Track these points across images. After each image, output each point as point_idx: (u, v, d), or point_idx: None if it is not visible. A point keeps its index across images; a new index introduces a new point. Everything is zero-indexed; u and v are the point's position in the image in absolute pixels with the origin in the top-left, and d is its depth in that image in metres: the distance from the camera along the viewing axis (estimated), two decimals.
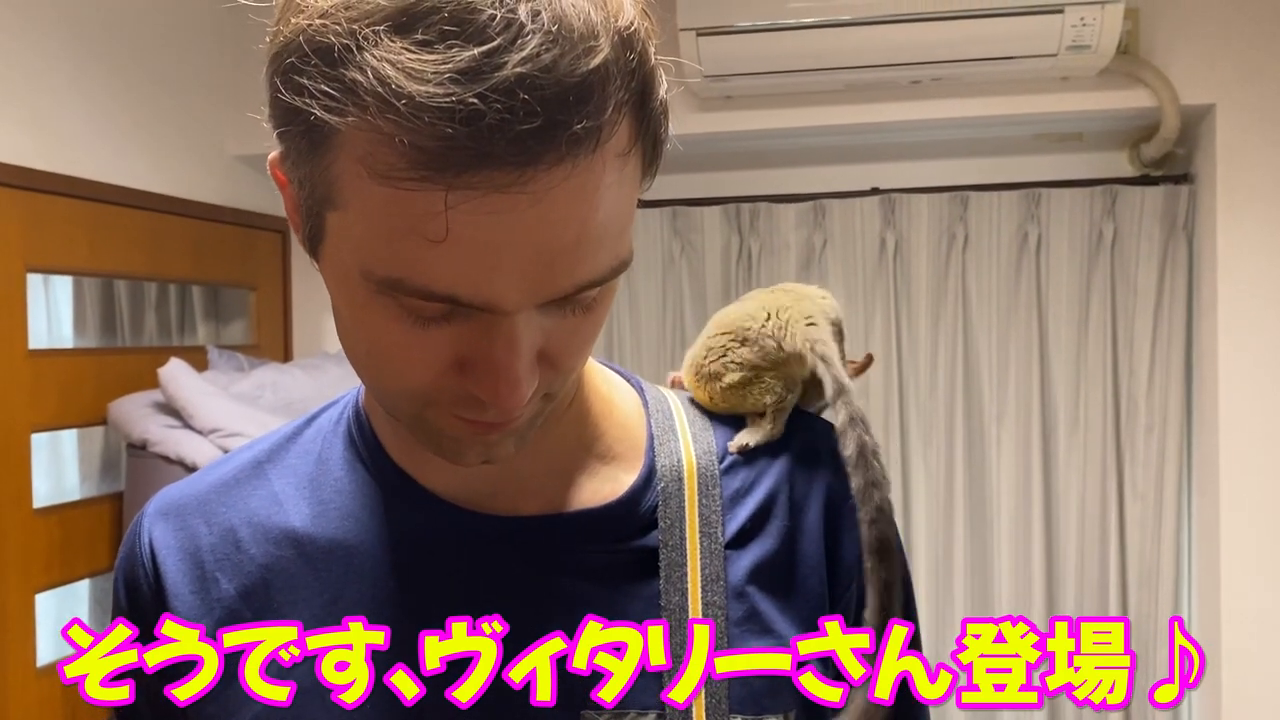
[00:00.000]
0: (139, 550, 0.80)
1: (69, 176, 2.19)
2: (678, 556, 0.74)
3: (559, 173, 0.55)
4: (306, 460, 0.80)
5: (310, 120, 0.56)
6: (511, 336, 0.60)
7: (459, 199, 0.54)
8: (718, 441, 0.80)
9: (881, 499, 0.76)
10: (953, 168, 2.86)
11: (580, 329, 0.65)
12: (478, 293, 0.58)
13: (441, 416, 0.66)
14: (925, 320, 2.81)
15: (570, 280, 0.59)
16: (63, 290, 2.90)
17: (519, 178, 0.54)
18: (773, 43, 2.41)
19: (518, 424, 0.67)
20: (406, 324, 0.60)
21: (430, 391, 0.64)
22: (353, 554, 0.75)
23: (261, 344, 2.89)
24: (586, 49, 0.55)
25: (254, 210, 2.83)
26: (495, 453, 0.68)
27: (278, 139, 0.62)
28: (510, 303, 0.58)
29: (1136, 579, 2.72)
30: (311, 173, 0.60)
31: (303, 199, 0.62)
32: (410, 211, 0.55)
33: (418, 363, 0.62)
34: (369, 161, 0.55)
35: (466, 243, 0.56)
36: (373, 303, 0.60)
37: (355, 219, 0.58)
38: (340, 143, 0.57)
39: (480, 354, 0.61)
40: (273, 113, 0.61)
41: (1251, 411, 2.48)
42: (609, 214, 0.59)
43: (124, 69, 2.37)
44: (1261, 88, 2.46)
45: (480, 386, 0.62)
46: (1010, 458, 2.77)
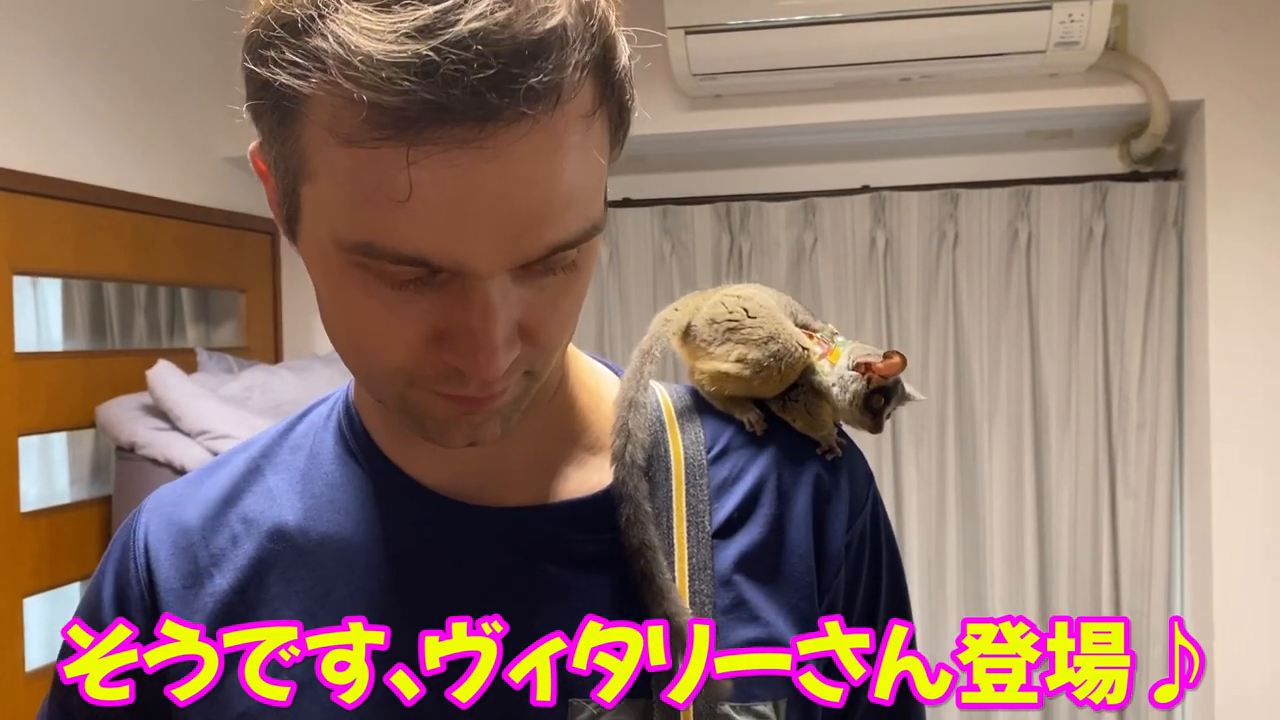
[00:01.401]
0: (132, 545, 0.80)
1: (56, 179, 2.18)
2: (665, 546, 0.74)
3: (519, 129, 0.56)
4: (299, 456, 0.81)
5: (279, 92, 0.58)
6: (486, 303, 0.60)
7: (420, 155, 0.55)
8: (705, 433, 0.81)
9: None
10: (943, 165, 2.87)
11: (559, 302, 0.65)
12: (447, 254, 0.58)
13: (424, 396, 0.66)
14: (916, 318, 2.81)
15: (541, 242, 0.60)
16: (51, 293, 2.89)
17: (479, 133, 0.55)
18: (762, 41, 2.41)
19: (501, 402, 0.67)
20: (382, 295, 0.61)
21: (411, 368, 0.64)
22: (345, 547, 0.76)
23: (251, 346, 2.88)
24: (542, 9, 0.56)
25: (243, 212, 2.82)
26: (481, 434, 0.68)
27: (253, 122, 0.63)
28: (482, 264, 0.59)
29: (1129, 576, 2.73)
30: (284, 149, 0.61)
31: (279, 179, 0.64)
32: (375, 173, 0.56)
33: (396, 336, 0.62)
34: (333, 126, 0.57)
35: (431, 202, 0.56)
36: (348, 275, 0.61)
37: (325, 187, 0.59)
38: (307, 111, 0.58)
39: (457, 323, 0.61)
40: (248, 95, 0.62)
41: (1243, 407, 2.48)
42: (576, 175, 0.60)
43: (111, 70, 2.36)
44: (1250, 83, 2.46)
45: (458, 356, 0.62)
46: (1002, 455, 2.77)
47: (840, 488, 0.80)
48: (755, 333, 0.83)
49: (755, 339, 0.83)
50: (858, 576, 0.81)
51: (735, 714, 0.72)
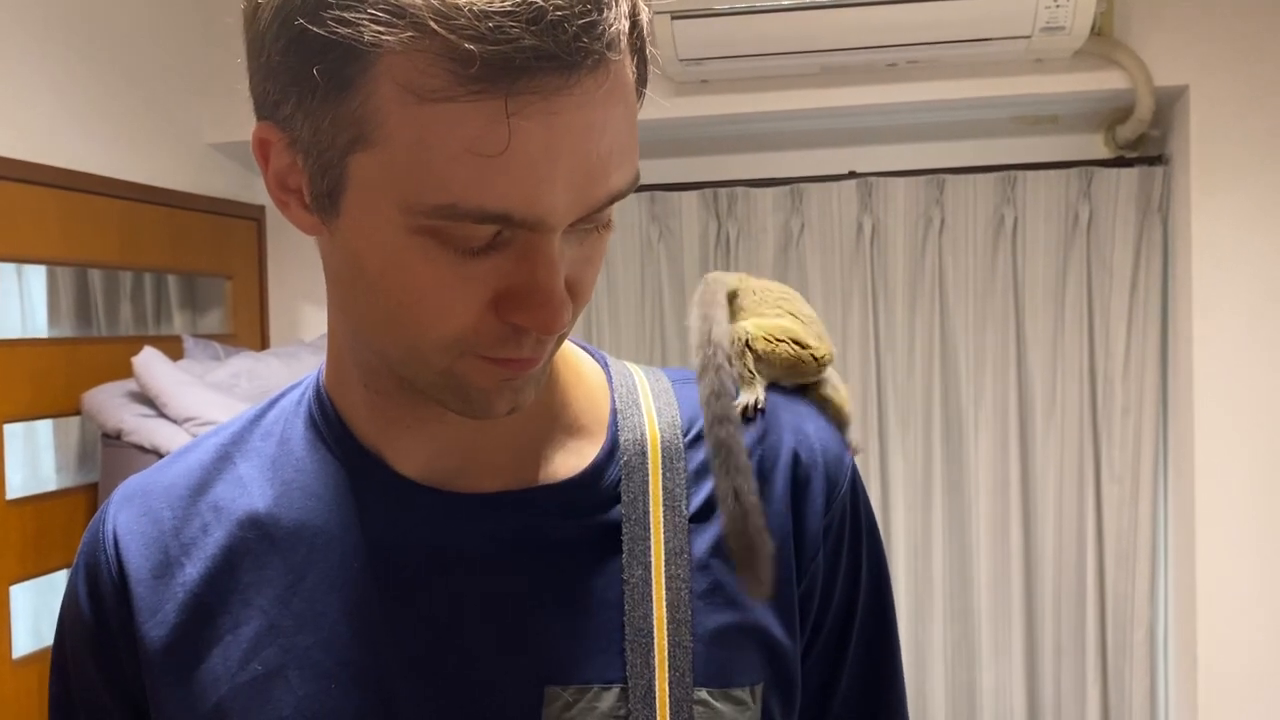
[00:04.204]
0: (102, 536, 0.80)
1: (40, 165, 2.17)
2: (641, 530, 0.74)
3: (599, 75, 0.58)
4: (269, 442, 0.80)
5: (343, 52, 0.57)
6: (550, 257, 0.61)
7: (519, 105, 0.56)
8: (682, 416, 0.80)
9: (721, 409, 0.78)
10: (929, 151, 2.87)
11: (594, 260, 0.67)
12: (530, 208, 0.59)
13: (472, 366, 0.66)
14: (902, 303, 2.81)
15: (604, 191, 0.62)
16: (36, 280, 2.88)
17: (567, 81, 0.57)
18: (748, 26, 2.40)
19: (542, 364, 0.68)
20: (448, 261, 0.61)
21: (468, 335, 0.63)
22: (316, 534, 0.75)
23: (237, 333, 2.87)
24: None
25: (229, 198, 2.81)
26: (521, 399, 0.69)
27: (272, 100, 0.62)
28: (556, 217, 0.60)
29: (1113, 560, 2.74)
30: (334, 118, 0.59)
31: (315, 155, 0.62)
32: (464, 130, 0.56)
33: (458, 303, 0.62)
34: (415, 85, 0.56)
35: (521, 154, 0.57)
36: (410, 245, 0.61)
37: (398, 151, 0.58)
38: (378, 73, 0.57)
39: (522, 280, 0.61)
40: (280, 70, 0.60)
41: (1226, 392, 2.49)
42: (629, 122, 0.62)
43: (96, 55, 2.35)
44: (1235, 69, 2.47)
45: (525, 314, 0.62)
46: (988, 441, 2.78)
47: (818, 468, 0.79)
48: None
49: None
50: (837, 559, 0.80)
51: (713, 700, 0.72)
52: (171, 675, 0.74)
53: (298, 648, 0.73)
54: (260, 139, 0.65)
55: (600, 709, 0.70)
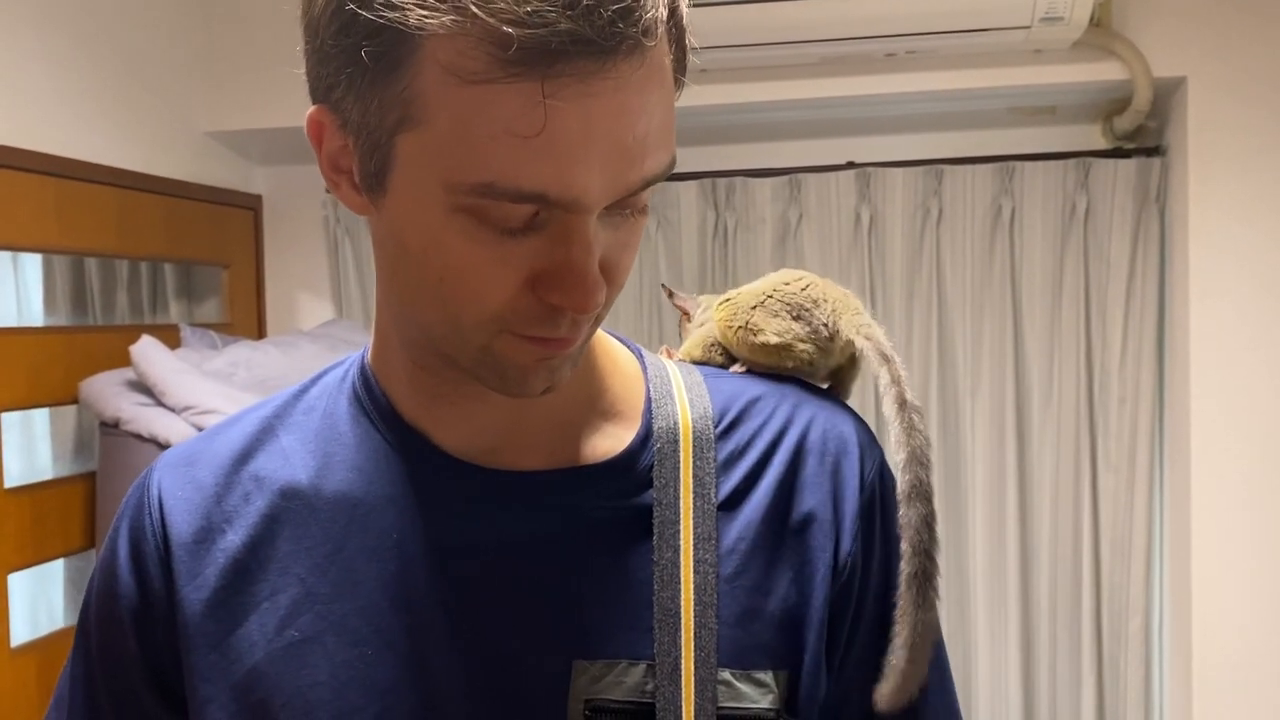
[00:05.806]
0: (147, 499, 0.81)
1: (36, 152, 2.16)
2: (671, 515, 0.76)
3: (635, 60, 0.60)
4: (312, 416, 0.82)
5: (392, 35, 0.59)
6: (586, 239, 0.63)
7: (554, 89, 0.58)
8: (715, 406, 0.82)
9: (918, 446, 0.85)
10: (927, 141, 2.87)
11: (630, 244, 0.69)
12: (565, 189, 0.60)
13: (510, 344, 0.68)
14: (900, 293, 2.82)
15: (639, 174, 0.63)
16: (32, 268, 2.88)
17: (602, 65, 0.59)
18: (746, 15, 2.40)
19: (578, 344, 0.70)
20: (487, 240, 0.63)
21: (506, 313, 0.66)
22: (357, 505, 0.77)
23: (235, 321, 2.87)
24: None
25: (226, 187, 2.80)
26: (557, 378, 0.71)
27: (330, 85, 0.64)
28: (592, 198, 0.62)
29: (1109, 549, 2.75)
30: (382, 99, 0.62)
31: (365, 135, 0.64)
32: (502, 111, 0.58)
33: (497, 281, 0.64)
34: (457, 67, 0.58)
35: (557, 136, 0.59)
36: (452, 223, 0.63)
37: (441, 131, 0.60)
38: (424, 56, 0.59)
39: (558, 261, 0.64)
40: (332, 54, 0.63)
41: (1223, 383, 2.50)
42: (665, 108, 0.64)
43: (92, 42, 2.34)
44: (1233, 60, 2.47)
45: (560, 294, 0.64)
46: (984, 430, 2.78)
47: (849, 455, 0.83)
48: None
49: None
50: (871, 541, 0.83)
51: (735, 680, 0.74)
52: (208, 639, 0.76)
53: (335, 615, 0.74)
54: (315, 121, 0.67)
55: (627, 683, 0.72)
